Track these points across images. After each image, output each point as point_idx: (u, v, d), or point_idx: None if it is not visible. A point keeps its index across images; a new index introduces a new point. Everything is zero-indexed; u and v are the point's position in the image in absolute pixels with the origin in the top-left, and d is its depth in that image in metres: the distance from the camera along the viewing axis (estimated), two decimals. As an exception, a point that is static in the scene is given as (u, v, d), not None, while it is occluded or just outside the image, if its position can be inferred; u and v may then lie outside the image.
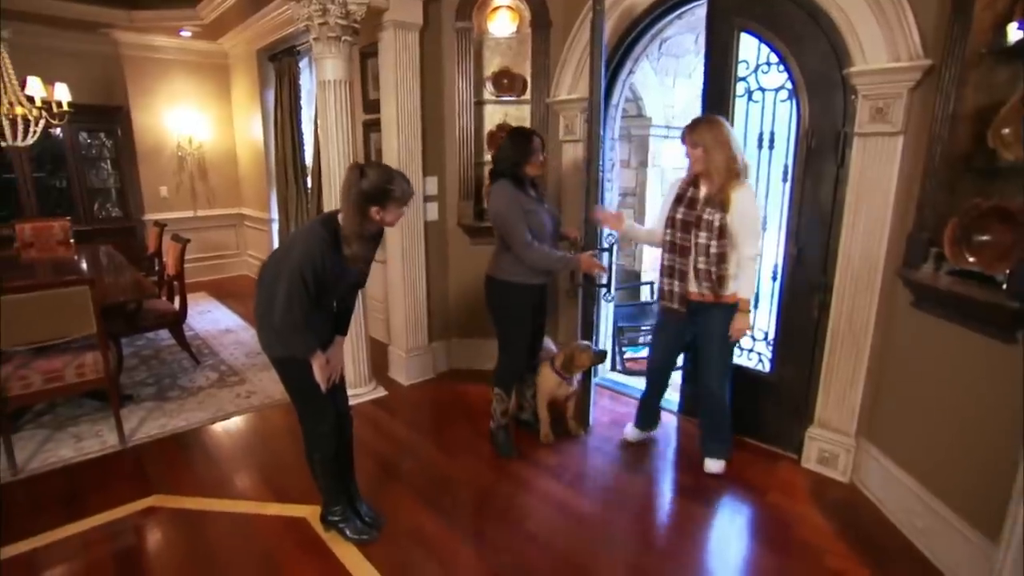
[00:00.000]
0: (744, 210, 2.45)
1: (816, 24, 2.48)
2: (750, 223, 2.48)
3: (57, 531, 2.40)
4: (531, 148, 2.64)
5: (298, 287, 1.90)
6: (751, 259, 2.50)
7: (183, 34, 6.06)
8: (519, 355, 2.89)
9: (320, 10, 2.97)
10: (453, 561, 2.22)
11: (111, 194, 6.41)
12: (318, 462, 2.25)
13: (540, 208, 2.72)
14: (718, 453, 2.77)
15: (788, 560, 2.22)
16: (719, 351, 2.65)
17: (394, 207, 1.98)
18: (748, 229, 2.47)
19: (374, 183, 1.91)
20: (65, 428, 3.28)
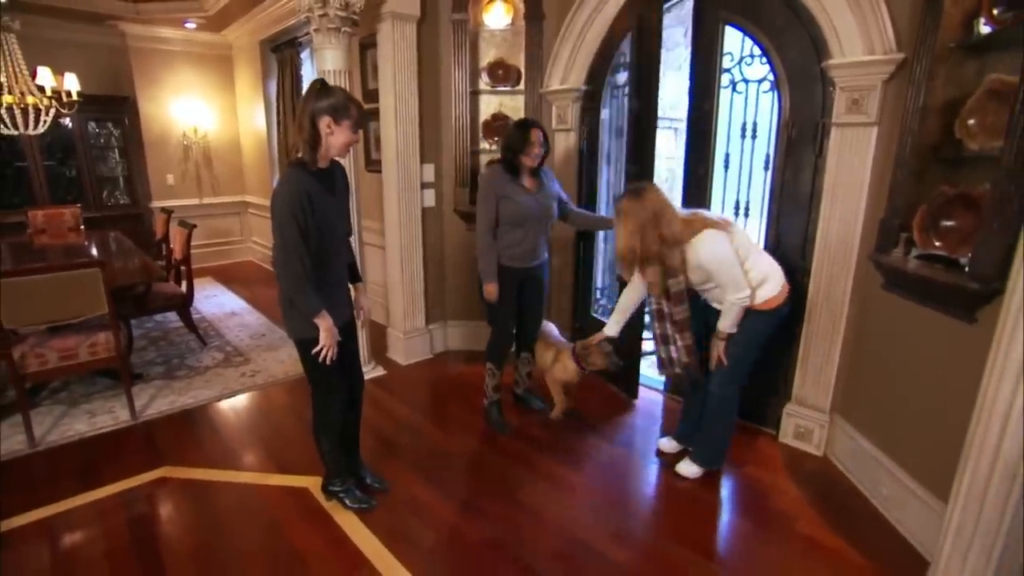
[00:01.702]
0: (706, 261, 2.26)
1: (797, 18, 2.51)
2: (721, 270, 2.26)
3: (74, 499, 2.47)
4: (528, 140, 2.65)
5: (291, 230, 1.88)
6: (734, 303, 2.31)
7: (188, 26, 6.04)
8: (502, 331, 2.96)
9: (320, 2, 2.98)
10: (448, 529, 2.29)
11: (119, 182, 6.42)
12: (325, 437, 2.31)
13: (525, 196, 2.73)
14: (697, 457, 2.63)
15: (763, 527, 2.30)
16: (730, 359, 2.44)
17: (346, 125, 1.94)
18: (721, 276, 2.28)
19: (332, 98, 1.92)
20: (79, 404, 3.34)
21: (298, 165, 1.97)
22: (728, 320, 2.35)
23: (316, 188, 1.97)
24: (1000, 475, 1.48)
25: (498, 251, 2.78)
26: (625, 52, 3.20)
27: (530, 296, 2.96)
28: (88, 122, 5.97)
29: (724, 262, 2.26)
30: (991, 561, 1.52)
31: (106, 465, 2.73)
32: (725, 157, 2.97)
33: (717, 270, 2.26)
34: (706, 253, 2.25)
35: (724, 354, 2.42)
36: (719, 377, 2.49)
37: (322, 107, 1.91)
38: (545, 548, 2.18)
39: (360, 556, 2.14)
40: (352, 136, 2.00)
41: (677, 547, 2.19)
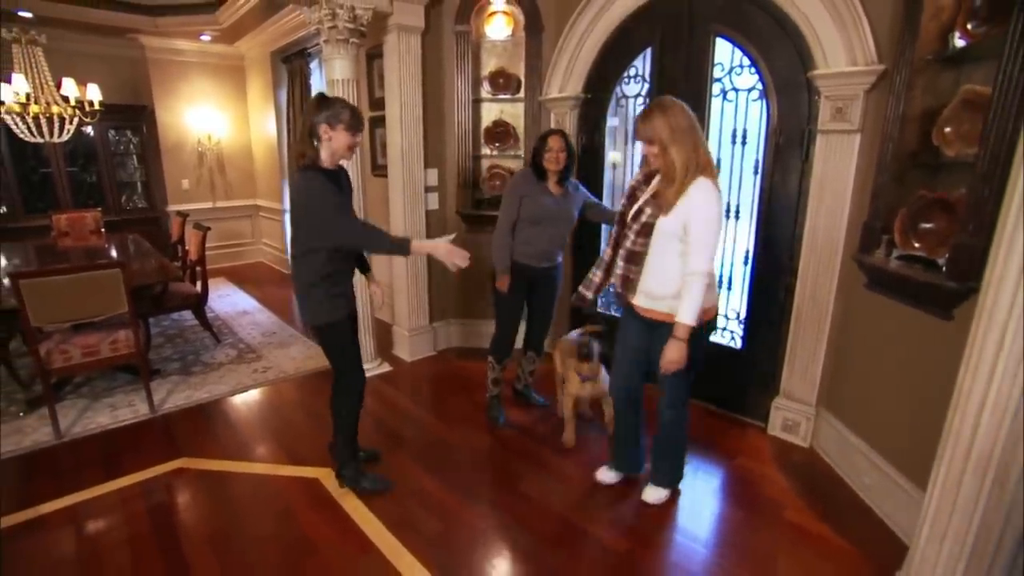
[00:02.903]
0: (698, 210, 1.88)
1: (783, 30, 2.54)
2: (703, 229, 1.89)
3: (98, 488, 2.51)
4: (546, 145, 2.69)
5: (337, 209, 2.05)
6: (697, 276, 1.88)
7: (203, 38, 6.08)
8: (506, 326, 2.97)
9: (330, 15, 3.02)
10: (452, 518, 2.32)
11: (137, 187, 6.48)
12: (347, 420, 2.38)
13: (547, 198, 2.74)
14: (661, 481, 2.40)
15: (752, 514, 2.33)
16: (676, 374, 2.08)
17: (340, 128, 2.06)
18: (700, 237, 1.89)
19: (327, 108, 2.05)
20: (101, 398, 3.38)
21: (311, 167, 2.10)
22: (690, 307, 1.90)
23: (333, 183, 2.11)
24: (974, 464, 1.51)
25: (513, 247, 2.81)
26: (637, 65, 3.23)
27: (541, 297, 2.97)
28: (109, 130, 6.02)
29: (712, 220, 1.90)
30: (966, 545, 1.54)
31: (127, 456, 2.77)
32: (716, 162, 2.98)
33: (702, 226, 1.89)
34: (707, 200, 1.89)
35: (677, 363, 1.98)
36: (669, 403, 2.22)
37: (319, 117, 2.05)
38: (545, 536, 2.21)
39: (368, 542, 2.17)
40: (350, 138, 2.10)
41: (672, 534, 2.23)
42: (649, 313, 2.09)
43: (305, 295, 2.22)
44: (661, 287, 2.03)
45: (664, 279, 2.01)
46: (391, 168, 3.67)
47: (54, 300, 2.80)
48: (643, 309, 2.11)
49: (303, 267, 2.17)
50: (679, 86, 2.99)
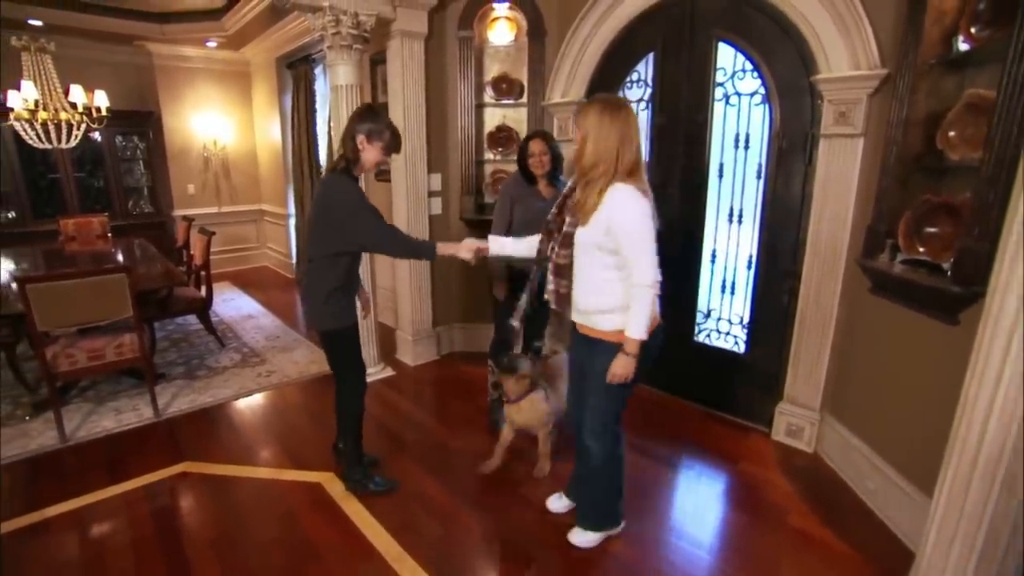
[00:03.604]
0: (619, 217, 1.71)
1: (786, 35, 2.54)
2: (633, 237, 1.71)
3: (102, 491, 2.51)
4: (527, 149, 2.70)
5: (372, 215, 2.10)
6: (643, 288, 1.72)
7: (209, 44, 6.11)
8: (501, 330, 2.96)
9: (333, 21, 3.03)
10: (453, 522, 2.31)
11: (143, 192, 6.50)
12: (352, 425, 2.42)
13: (538, 201, 2.72)
14: (587, 520, 2.14)
15: (757, 519, 2.31)
16: (597, 399, 1.93)
17: (378, 146, 2.12)
18: (633, 246, 1.72)
19: (370, 122, 2.11)
20: (106, 402, 3.38)
21: (345, 172, 2.16)
22: (638, 322, 1.74)
23: None
24: (982, 469, 1.49)
25: None
26: (640, 70, 3.22)
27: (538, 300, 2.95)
28: (116, 136, 6.05)
29: (638, 225, 1.71)
30: (974, 551, 1.52)
31: (131, 460, 2.77)
32: (719, 167, 2.98)
33: (631, 236, 1.72)
34: (622, 206, 1.71)
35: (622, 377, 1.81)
36: (591, 433, 1.99)
37: (362, 127, 2.10)
38: (546, 540, 2.19)
39: (370, 547, 2.16)
40: (381, 156, 2.17)
41: (675, 539, 2.20)
42: (583, 329, 1.95)
43: (322, 301, 2.21)
44: (588, 301, 1.87)
45: (590, 292, 1.85)
46: (395, 173, 3.67)
47: (60, 304, 2.81)
48: (578, 324, 1.97)
49: (323, 272, 2.18)
50: (682, 91, 3.00)
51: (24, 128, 4.08)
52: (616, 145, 1.72)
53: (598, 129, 1.73)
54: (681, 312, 3.19)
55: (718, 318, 3.16)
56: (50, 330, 2.90)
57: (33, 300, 2.71)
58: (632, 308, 1.76)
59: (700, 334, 3.22)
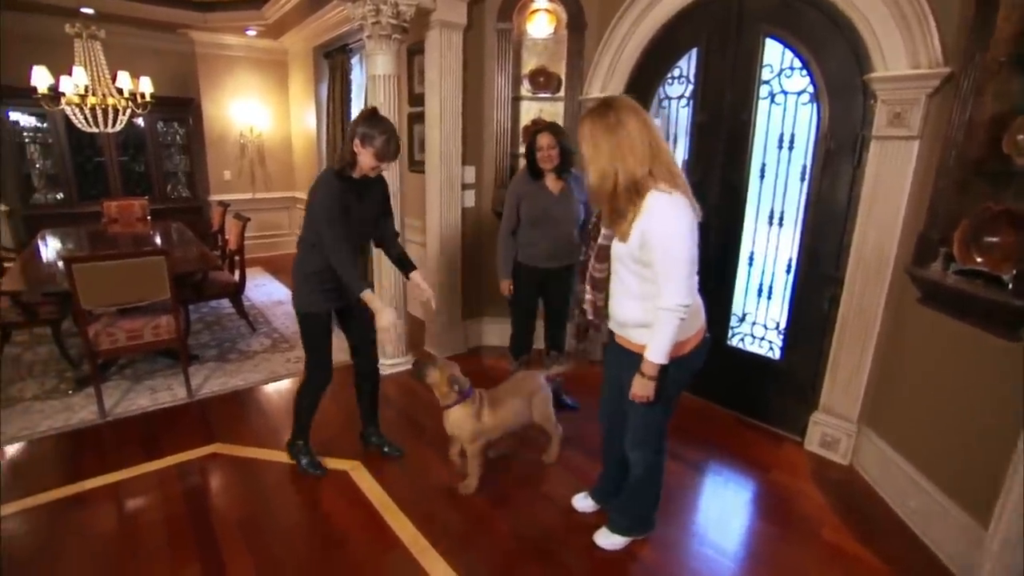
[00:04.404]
0: (655, 233, 1.58)
1: (839, 31, 2.43)
2: (667, 255, 1.58)
3: (137, 468, 2.58)
4: (535, 145, 2.65)
5: (330, 229, 2.13)
6: (669, 312, 1.60)
7: (249, 33, 6.21)
8: (516, 327, 3.02)
9: (374, 10, 3.02)
10: (477, 516, 2.30)
11: (181, 176, 6.66)
12: (305, 404, 2.52)
13: (545, 197, 2.70)
14: (615, 525, 2.12)
15: (787, 531, 2.24)
16: (636, 411, 1.85)
17: (370, 151, 2.12)
18: (665, 264, 1.59)
19: (368, 127, 2.12)
20: (142, 381, 3.48)
21: (333, 171, 2.21)
22: (659, 346, 1.64)
23: (342, 191, 2.19)
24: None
25: (517, 249, 2.82)
26: (682, 66, 3.15)
27: (553, 297, 2.93)
28: (157, 122, 6.21)
29: (679, 244, 1.57)
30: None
31: (165, 438, 2.84)
32: (761, 167, 2.89)
33: (664, 250, 1.58)
34: (661, 218, 1.57)
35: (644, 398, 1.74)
36: (633, 444, 1.95)
37: (359, 130, 2.13)
38: (567, 539, 2.17)
39: (395, 537, 2.16)
40: (372, 161, 2.16)
41: (701, 546, 2.15)
42: (621, 341, 1.88)
43: (300, 281, 2.34)
44: (626, 314, 1.79)
45: (628, 306, 1.77)
46: (429, 165, 3.67)
47: (103, 284, 2.88)
48: (616, 336, 1.90)
49: (304, 255, 2.30)
50: (725, 88, 2.91)
51: (75, 112, 4.20)
52: (614, 156, 1.60)
53: (592, 146, 1.64)
54: (715, 315, 3.09)
55: (753, 322, 3.07)
56: (93, 309, 2.98)
57: (78, 279, 2.79)
58: (655, 329, 1.65)
59: (734, 338, 3.13)
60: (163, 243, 4.35)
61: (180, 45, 6.21)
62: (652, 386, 1.71)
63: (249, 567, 2.00)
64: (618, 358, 1.91)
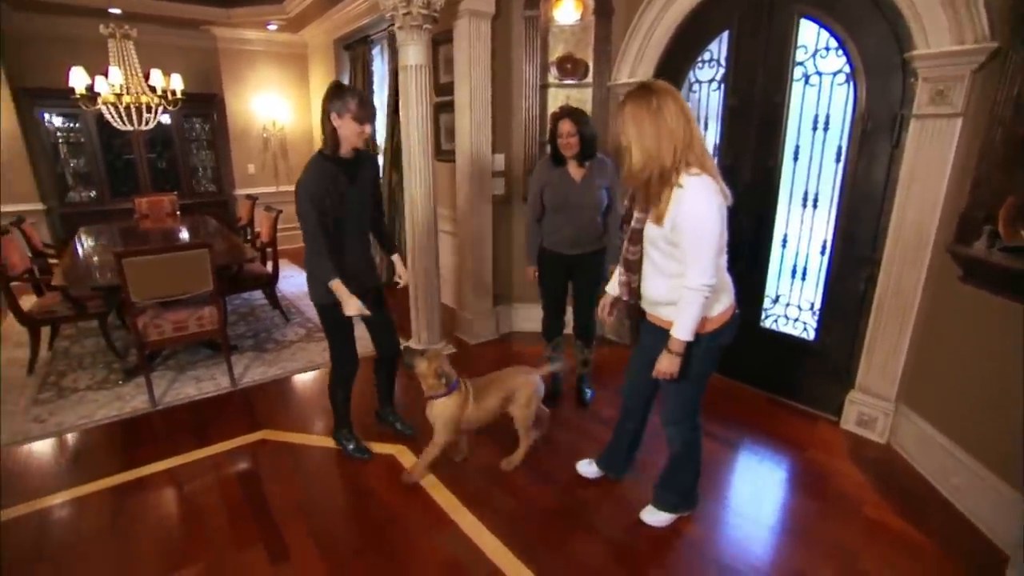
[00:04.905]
0: (686, 215, 1.64)
1: (878, 8, 2.40)
2: (696, 236, 1.65)
3: (191, 454, 2.67)
4: (557, 131, 2.65)
5: (309, 214, 2.14)
6: (694, 291, 1.67)
7: (270, 27, 6.24)
8: (546, 311, 3.04)
9: (405, 1, 3.03)
10: (523, 496, 2.36)
11: (207, 171, 6.76)
12: (340, 388, 2.56)
13: (566, 184, 2.69)
14: (660, 502, 2.17)
15: (828, 507, 2.27)
16: (674, 387, 1.91)
17: (348, 118, 2.13)
18: (693, 245, 1.66)
19: (338, 98, 2.12)
20: (186, 371, 3.58)
21: (320, 154, 2.23)
22: (685, 324, 1.72)
23: (335, 177, 2.21)
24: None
25: (542, 236, 2.84)
26: (712, 50, 3.12)
27: (579, 284, 2.90)
28: (183, 118, 6.29)
29: (708, 227, 1.64)
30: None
31: (213, 426, 2.93)
32: (795, 149, 2.88)
33: (692, 235, 1.65)
34: (692, 202, 1.63)
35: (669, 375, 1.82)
36: (670, 419, 2.01)
37: (331, 105, 2.13)
38: (614, 520, 2.22)
39: (445, 516, 2.23)
40: (356, 127, 2.16)
41: (742, 521, 2.20)
42: (653, 319, 1.94)
43: (309, 273, 2.35)
44: (658, 292, 1.84)
45: (660, 286, 1.82)
46: (459, 153, 3.70)
47: (151, 277, 2.97)
48: (648, 314, 1.96)
49: (307, 246, 2.27)
50: (757, 70, 2.89)
51: (110, 111, 4.28)
52: (656, 140, 1.64)
53: (636, 129, 1.67)
54: (748, 298, 3.10)
55: (787, 304, 3.08)
56: (140, 302, 3.06)
57: (128, 273, 2.87)
58: (680, 308, 1.72)
59: (767, 320, 3.14)
60: (193, 237, 4.43)
61: (203, 41, 6.27)
62: (678, 362, 1.78)
63: (310, 545, 2.08)
64: (649, 335, 1.97)
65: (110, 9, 5.03)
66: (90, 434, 2.86)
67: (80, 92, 3.92)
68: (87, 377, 3.47)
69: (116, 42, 4.11)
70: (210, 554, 2.05)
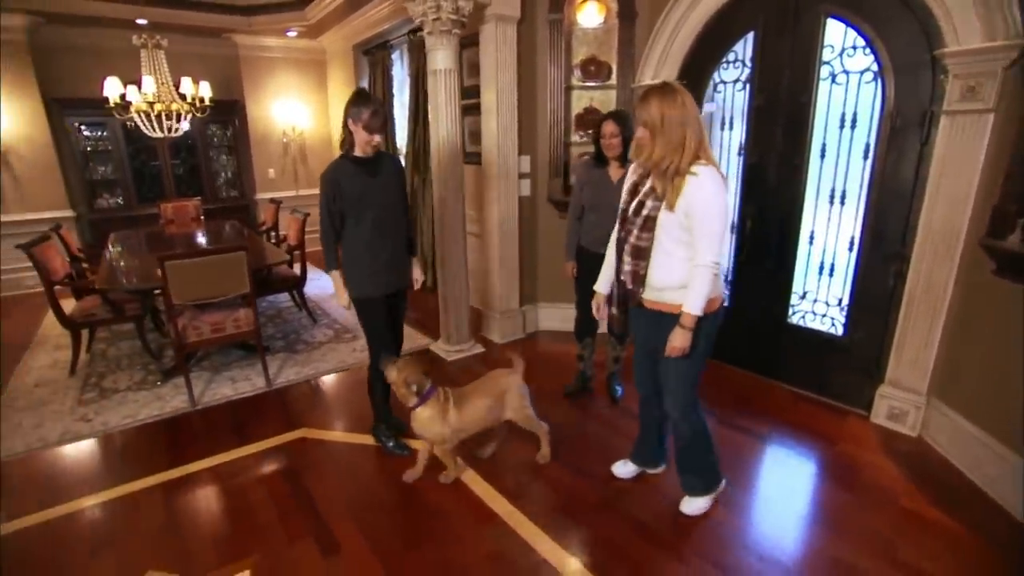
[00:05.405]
0: (699, 200, 1.78)
1: (907, 7, 2.43)
2: (707, 219, 1.79)
3: (235, 451, 2.74)
4: (600, 132, 2.72)
5: (322, 207, 2.36)
6: (705, 267, 1.82)
7: (289, 34, 6.33)
8: (579, 308, 3.06)
9: (434, 7, 3.09)
10: (565, 490, 2.40)
11: (229, 176, 6.86)
12: (377, 389, 2.65)
13: (604, 184, 2.73)
14: (695, 488, 2.23)
15: (863, 498, 2.29)
16: (676, 372, 2.02)
17: (360, 127, 2.30)
18: (706, 228, 1.80)
19: (354, 105, 2.30)
20: (221, 372, 3.65)
21: (345, 155, 2.39)
22: (696, 299, 1.84)
23: (351, 173, 2.35)
24: None
25: (580, 234, 2.89)
26: (737, 50, 3.15)
27: None
28: (206, 124, 6.39)
29: (718, 210, 1.79)
30: None
31: (252, 424, 3.00)
32: (821, 147, 2.91)
33: (708, 219, 1.79)
34: (707, 188, 1.78)
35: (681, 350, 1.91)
36: (676, 406, 2.08)
37: (349, 111, 2.31)
38: (652, 510, 2.26)
39: (487, 509, 2.28)
40: (365, 136, 2.32)
41: (779, 512, 2.23)
42: (655, 305, 2.00)
43: (346, 268, 2.47)
44: (665, 278, 1.94)
45: (669, 270, 1.92)
46: (486, 155, 3.75)
47: (191, 280, 3.04)
48: (649, 302, 2.01)
49: (343, 243, 2.44)
50: (783, 70, 2.92)
51: (143, 120, 4.37)
52: (681, 133, 1.78)
53: (661, 121, 1.78)
54: (775, 293, 3.16)
55: (814, 300, 3.10)
56: (181, 303, 3.14)
57: (170, 275, 2.95)
58: (692, 285, 1.86)
59: (794, 316, 3.17)
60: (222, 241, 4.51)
61: (224, 49, 6.37)
62: (690, 336, 1.90)
63: (358, 538, 2.14)
64: (648, 323, 2.06)
65: (137, 20, 5.13)
66: (135, 433, 2.94)
67: (114, 101, 4.01)
68: (126, 378, 3.55)
69: (148, 52, 4.19)
70: (263, 547, 2.10)
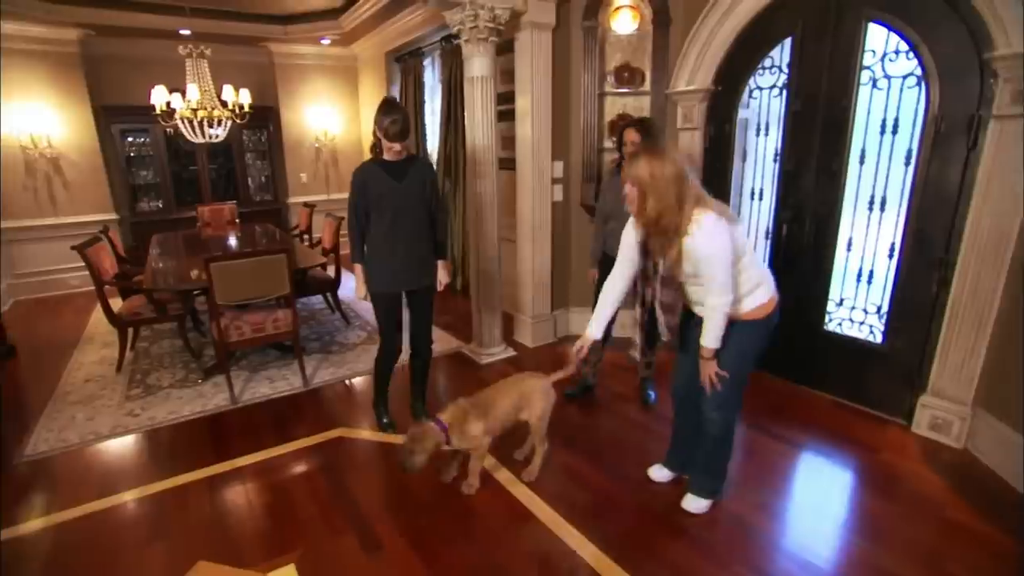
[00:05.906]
0: (703, 257, 1.85)
1: (953, 11, 2.40)
2: (710, 268, 1.86)
3: (276, 448, 2.80)
4: (621, 139, 2.78)
5: (350, 204, 2.57)
6: (717, 309, 1.92)
7: (323, 42, 6.48)
8: None
9: (472, 15, 3.15)
10: (601, 493, 2.41)
11: (263, 181, 7.02)
12: (379, 370, 2.87)
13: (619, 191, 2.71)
14: (701, 490, 2.28)
15: (907, 509, 2.25)
16: (727, 377, 2.05)
17: (382, 135, 2.48)
18: (710, 275, 1.88)
19: (379, 114, 2.46)
20: (259, 371, 3.74)
21: (374, 159, 2.58)
22: (711, 333, 1.96)
23: (378, 176, 2.54)
24: None
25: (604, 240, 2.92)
26: (774, 56, 3.14)
27: None
28: (241, 130, 6.56)
29: (721, 254, 1.86)
30: None
31: (291, 423, 3.06)
32: (861, 153, 2.87)
33: (707, 261, 1.86)
34: (703, 244, 1.84)
35: (716, 377, 2.04)
36: (715, 401, 2.11)
37: (376, 119, 2.48)
38: (695, 516, 2.24)
39: (525, 511, 2.29)
40: (387, 143, 2.50)
41: (820, 521, 2.20)
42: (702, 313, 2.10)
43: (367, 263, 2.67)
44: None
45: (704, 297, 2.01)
46: (520, 160, 3.78)
47: (235, 281, 3.13)
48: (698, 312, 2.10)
49: (368, 239, 2.63)
50: (822, 76, 2.90)
51: (185, 125, 4.52)
52: (674, 192, 1.82)
53: (653, 182, 1.83)
54: (811, 300, 3.12)
55: (852, 307, 3.06)
56: (225, 303, 3.23)
57: (215, 277, 3.04)
58: (705, 324, 1.98)
59: (831, 323, 3.13)
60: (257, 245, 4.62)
61: (259, 57, 6.55)
62: (714, 365, 2.03)
63: (398, 535, 2.17)
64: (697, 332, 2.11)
65: (181, 31, 5.31)
66: (181, 428, 3.03)
67: (161, 108, 4.16)
68: (169, 376, 3.67)
69: (193, 61, 4.34)
70: (306, 541, 2.15)
